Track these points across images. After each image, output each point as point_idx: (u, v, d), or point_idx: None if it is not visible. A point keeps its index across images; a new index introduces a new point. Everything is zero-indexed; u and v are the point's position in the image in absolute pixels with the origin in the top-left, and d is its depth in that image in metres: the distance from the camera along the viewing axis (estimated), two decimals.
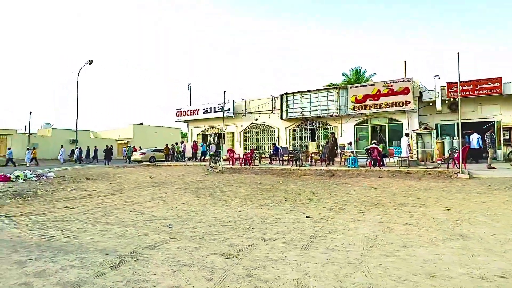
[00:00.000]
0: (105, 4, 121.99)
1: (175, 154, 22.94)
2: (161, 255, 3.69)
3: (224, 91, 15.67)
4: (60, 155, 25.20)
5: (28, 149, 23.34)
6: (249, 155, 14.56)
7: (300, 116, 19.02)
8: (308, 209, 6.33)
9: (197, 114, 23.66)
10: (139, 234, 4.72)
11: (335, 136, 15.46)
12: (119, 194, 8.95)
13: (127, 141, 36.90)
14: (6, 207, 7.37)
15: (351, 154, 13.13)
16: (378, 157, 12.26)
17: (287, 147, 18.07)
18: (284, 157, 14.56)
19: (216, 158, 15.99)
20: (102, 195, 8.88)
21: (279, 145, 19.46)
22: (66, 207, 7.21)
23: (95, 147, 27.91)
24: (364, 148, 14.01)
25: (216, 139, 23.36)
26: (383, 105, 16.38)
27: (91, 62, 28.13)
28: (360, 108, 17.09)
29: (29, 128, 27.80)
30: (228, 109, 21.79)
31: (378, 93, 16.56)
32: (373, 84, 17.36)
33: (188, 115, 24.26)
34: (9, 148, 23.45)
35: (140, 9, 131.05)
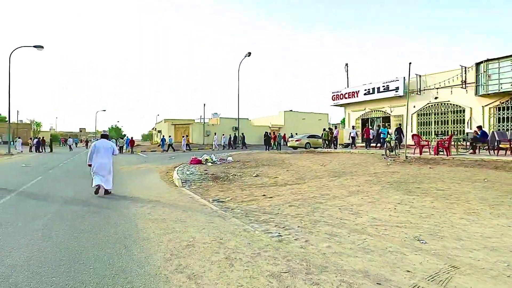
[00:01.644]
0: None
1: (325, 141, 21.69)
2: None
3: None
4: (215, 141, 28.43)
5: (183, 136, 27.64)
6: (446, 142, 11.49)
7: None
8: None
9: (357, 96, 21.48)
10: (389, 249, 3.46)
11: None
12: (305, 183, 8.28)
13: (279, 128, 38.54)
14: (212, 189, 7.79)
15: None
16: None
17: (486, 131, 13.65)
18: (502, 145, 10.73)
19: (395, 145, 13.58)
20: (288, 183, 8.43)
21: (469, 128, 15.14)
22: (264, 195, 6.94)
23: (242, 133, 30.08)
24: None
25: (378, 124, 20.62)
26: None
27: (249, 54, 30.18)
28: None
29: (203, 118, 32.71)
30: (397, 88, 18.64)
31: None
32: None
33: (345, 98, 22.43)
34: (170, 136, 28.60)
35: None
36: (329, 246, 3.57)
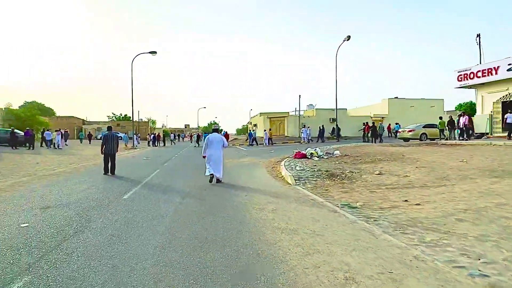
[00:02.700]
0: None
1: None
2: None
3: None
4: (303, 133, 26.67)
5: (265, 130, 26.68)
6: None
7: None
8: None
9: (495, 73, 17.02)
10: None
11: None
12: (455, 186, 6.32)
13: (382, 118, 34.64)
14: (332, 190, 6.63)
15: None
16: None
17: None
18: None
19: None
20: (427, 184, 6.62)
21: None
22: (406, 200, 5.42)
23: (337, 125, 27.47)
24: None
25: None
26: None
27: (348, 38, 27.63)
28: None
29: (299, 110, 31.71)
30: None
31: None
32: None
33: (477, 77, 18.09)
34: (253, 130, 28.22)
35: None
36: None
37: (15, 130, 22.19)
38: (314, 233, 3.82)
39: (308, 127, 28.17)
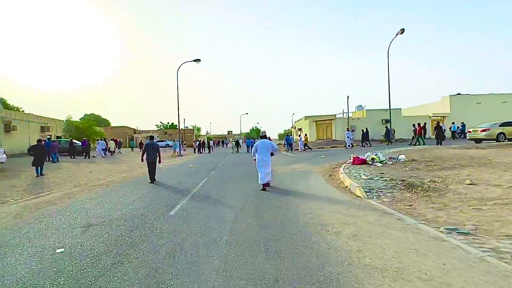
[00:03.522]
0: None
1: None
2: None
3: None
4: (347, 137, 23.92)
5: (299, 135, 24.74)
6: None
7: None
8: None
9: None
10: None
11: None
12: None
13: (442, 117, 31.21)
14: (418, 205, 5.28)
15: None
16: None
17: None
18: None
19: None
20: None
21: None
22: None
23: (366, 128, 24.50)
24: None
25: None
26: None
27: (402, 31, 25.28)
28: None
29: (347, 112, 29.70)
30: None
31: None
32: None
33: None
34: (290, 135, 26.38)
35: None
36: None
37: (73, 140, 23.55)
38: (432, 278, 2.63)
39: (353, 130, 26.04)
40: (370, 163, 11.03)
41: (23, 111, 42.54)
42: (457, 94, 32.57)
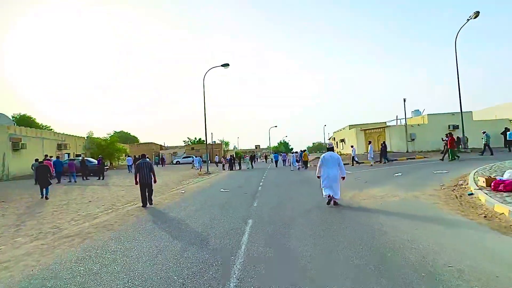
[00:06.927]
0: None
1: None
2: None
3: None
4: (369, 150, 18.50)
5: (369, 142, 19.79)
6: None
7: None
8: None
9: None
10: None
11: None
12: None
13: None
14: None
15: None
16: None
17: None
18: None
19: None
20: None
21: None
22: None
23: (384, 142, 19.05)
24: None
25: None
26: None
27: (477, 15, 20.35)
28: None
29: (405, 118, 24.72)
30: None
31: None
32: None
33: None
34: (352, 146, 21.64)
35: None
36: None
37: (86, 159, 20.61)
38: None
39: (369, 142, 21.02)
40: None
41: (51, 129, 41.48)
42: None
